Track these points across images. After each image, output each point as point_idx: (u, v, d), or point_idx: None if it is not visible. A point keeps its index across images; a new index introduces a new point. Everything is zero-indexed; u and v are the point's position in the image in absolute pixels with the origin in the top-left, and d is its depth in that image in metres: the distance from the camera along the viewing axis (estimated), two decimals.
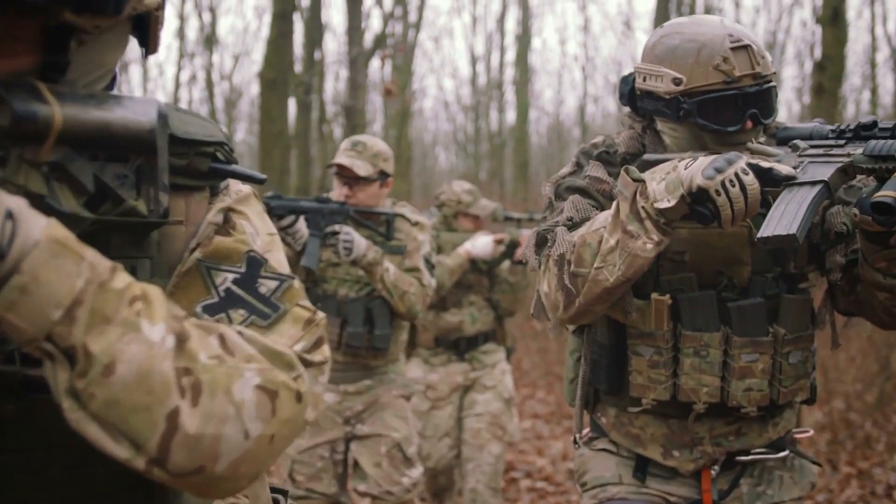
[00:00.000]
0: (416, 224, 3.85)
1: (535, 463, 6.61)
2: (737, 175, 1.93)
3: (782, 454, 2.35)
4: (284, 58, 9.21)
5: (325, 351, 1.19)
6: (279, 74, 9.01)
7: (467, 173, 22.15)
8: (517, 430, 4.94)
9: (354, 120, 13.05)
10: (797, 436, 2.44)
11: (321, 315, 1.21)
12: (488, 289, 4.88)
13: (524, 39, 19.49)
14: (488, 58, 22.69)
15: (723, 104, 2.14)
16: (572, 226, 2.19)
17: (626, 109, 2.38)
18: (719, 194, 1.92)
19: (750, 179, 1.93)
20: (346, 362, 3.81)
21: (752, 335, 2.22)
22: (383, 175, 3.79)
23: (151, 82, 30.29)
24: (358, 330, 3.71)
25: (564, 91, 30.07)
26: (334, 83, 18.00)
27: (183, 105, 23.86)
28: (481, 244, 4.69)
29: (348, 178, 3.75)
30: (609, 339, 2.34)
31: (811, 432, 2.46)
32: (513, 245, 4.79)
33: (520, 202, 13.82)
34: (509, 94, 21.45)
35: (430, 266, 3.84)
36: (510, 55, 22.04)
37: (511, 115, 21.41)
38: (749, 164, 1.96)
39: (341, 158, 3.73)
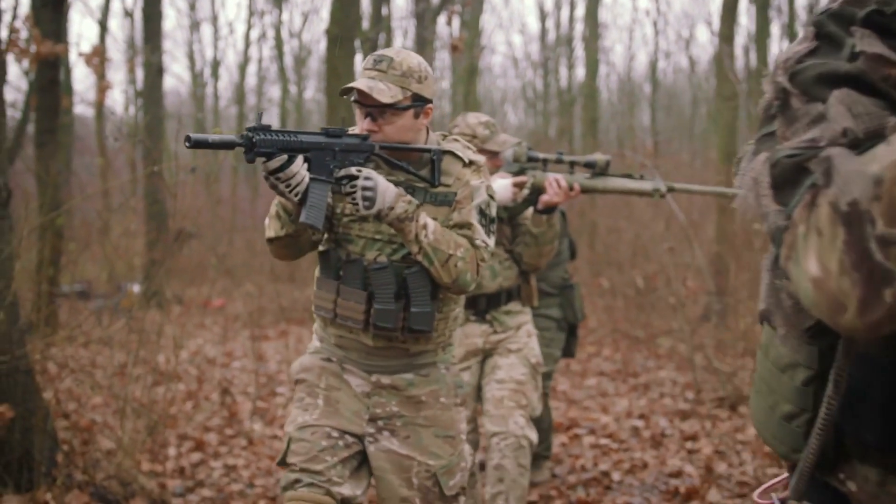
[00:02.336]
0: (469, 164, 2.90)
1: (600, 420, 6.58)
2: None
3: None
4: (351, 14, 9.17)
5: None
6: (345, 31, 8.98)
7: (536, 130, 21.99)
8: (539, 405, 4.17)
9: None
10: None
11: None
12: (510, 240, 4.15)
13: None
14: (558, 13, 22.42)
15: None
16: (853, 144, 1.19)
17: None
18: None
19: None
20: (378, 347, 2.90)
21: None
22: (419, 100, 2.82)
23: (222, 40, 30.62)
24: (388, 307, 2.79)
25: (635, 46, 29.57)
26: (403, 40, 17.95)
27: (253, 63, 24.02)
28: (498, 188, 3.95)
29: (370, 107, 2.78)
30: (891, 353, 1.32)
31: None
32: (537, 190, 4.02)
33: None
34: (579, 50, 21.17)
35: (489, 220, 2.89)
36: (580, 10, 21.75)
37: (580, 72, 21.16)
38: None
39: (359, 81, 2.76)
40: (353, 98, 2.81)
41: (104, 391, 5.45)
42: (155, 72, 13.43)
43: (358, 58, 12.22)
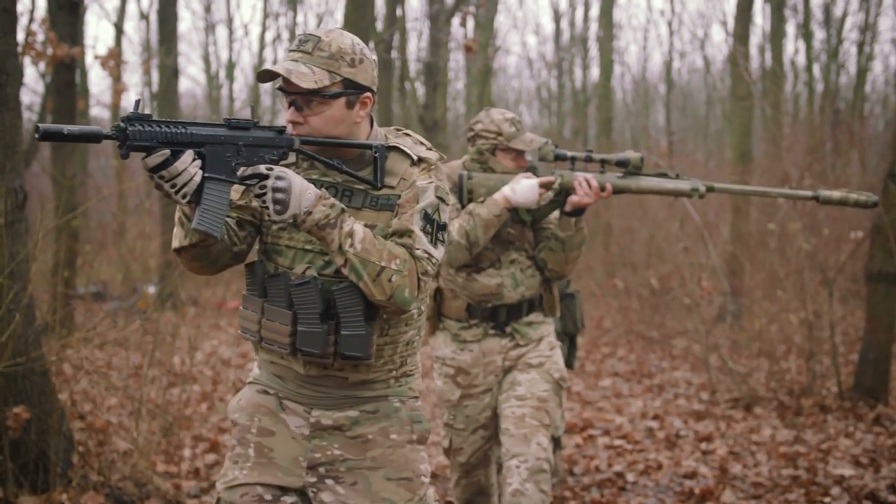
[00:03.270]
0: (418, 162, 2.49)
1: (614, 421, 6.57)
2: None
3: None
4: (365, 15, 9.18)
5: None
6: (360, 32, 8.99)
7: (550, 131, 21.96)
8: (562, 423, 3.87)
9: (436, 77, 13.03)
10: None
11: None
12: (533, 245, 3.83)
13: None
14: (572, 13, 22.39)
15: None
16: None
17: None
18: None
19: None
20: (312, 375, 2.49)
21: None
22: (353, 87, 2.42)
23: (237, 42, 30.75)
24: (313, 329, 2.38)
25: (650, 47, 29.50)
26: (417, 41, 17.97)
27: (268, 65, 24.25)
28: (523, 189, 3.64)
29: (292, 94, 2.41)
30: None
31: None
32: (564, 191, 3.70)
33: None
34: (593, 51, 21.14)
35: (436, 226, 2.46)
36: (594, 11, 21.72)
37: (595, 72, 21.11)
38: None
39: (279, 64, 2.39)
40: (278, 85, 2.43)
41: (119, 392, 5.48)
42: (170, 74, 13.49)
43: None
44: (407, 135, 2.56)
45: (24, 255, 4.23)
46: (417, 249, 2.40)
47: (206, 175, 2.23)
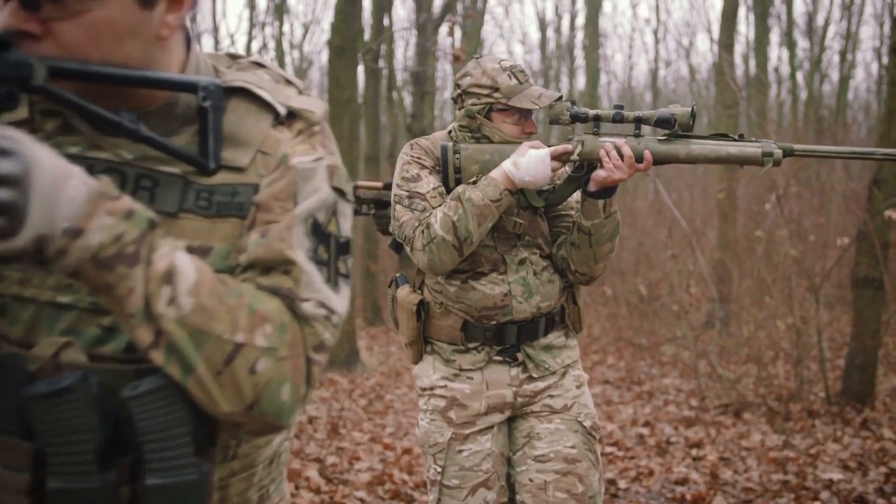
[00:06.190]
0: (289, 119, 1.26)
1: (605, 428, 6.61)
2: None
3: None
4: (352, 25, 9.23)
5: None
6: (347, 42, 9.04)
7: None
8: (601, 486, 2.78)
9: (424, 86, 13.08)
10: None
11: None
12: (548, 240, 2.81)
13: (594, 2, 19.22)
14: (558, 22, 22.52)
15: None
16: None
17: None
18: None
19: None
20: None
21: None
22: None
23: (223, 52, 30.67)
24: (82, 486, 1.10)
25: (636, 55, 29.71)
26: (404, 50, 18.04)
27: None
28: (530, 162, 2.60)
29: None
30: None
31: None
32: (587, 164, 2.68)
33: None
34: (580, 59, 21.27)
35: (337, 248, 1.24)
36: (580, 19, 21.87)
37: (581, 80, 21.24)
38: None
39: None
40: None
41: None
42: None
43: (360, 69, 12.30)
44: (258, 65, 1.32)
45: None
46: (306, 301, 1.18)
47: None
